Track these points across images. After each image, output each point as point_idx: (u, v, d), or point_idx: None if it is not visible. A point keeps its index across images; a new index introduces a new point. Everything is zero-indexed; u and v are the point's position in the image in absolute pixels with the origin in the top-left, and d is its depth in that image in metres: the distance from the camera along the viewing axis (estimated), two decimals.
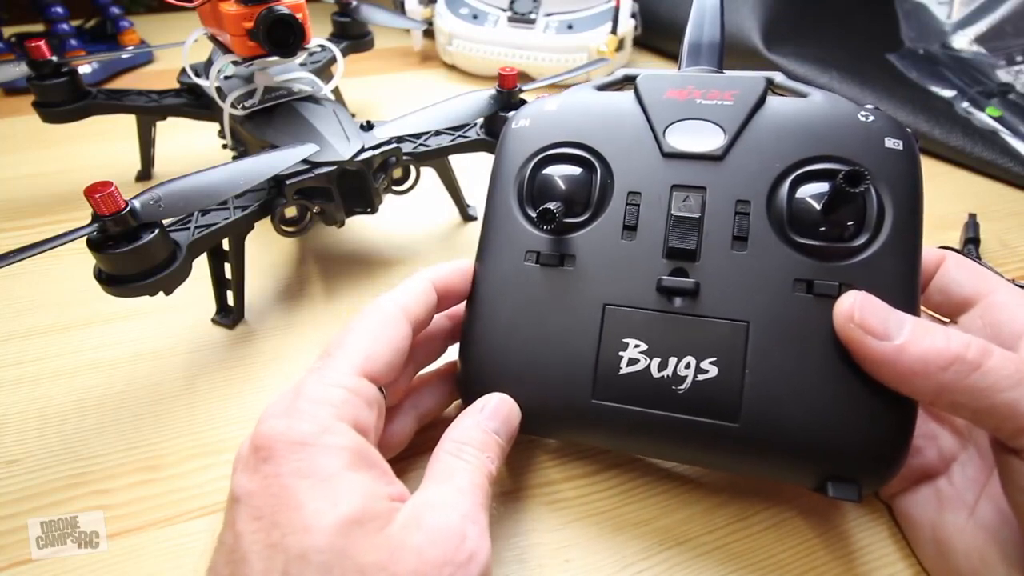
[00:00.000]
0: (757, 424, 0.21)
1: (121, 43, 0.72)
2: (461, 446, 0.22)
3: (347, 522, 0.17)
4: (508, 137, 0.27)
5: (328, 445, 0.19)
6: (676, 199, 0.24)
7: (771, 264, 0.22)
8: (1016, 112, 0.57)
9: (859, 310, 0.20)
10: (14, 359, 0.33)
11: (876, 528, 0.25)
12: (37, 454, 0.28)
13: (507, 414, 0.23)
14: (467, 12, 0.69)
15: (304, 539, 0.17)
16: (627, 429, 0.23)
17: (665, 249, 0.23)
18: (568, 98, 0.27)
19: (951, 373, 0.18)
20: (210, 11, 0.36)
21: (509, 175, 0.26)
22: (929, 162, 0.55)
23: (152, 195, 0.27)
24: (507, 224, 0.25)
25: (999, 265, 0.40)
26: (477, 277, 0.26)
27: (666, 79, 0.26)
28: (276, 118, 0.38)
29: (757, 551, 0.25)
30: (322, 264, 0.41)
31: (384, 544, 0.18)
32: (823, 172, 0.23)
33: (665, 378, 0.22)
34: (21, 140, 0.54)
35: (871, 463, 0.21)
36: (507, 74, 0.40)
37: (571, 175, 0.25)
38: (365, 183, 0.36)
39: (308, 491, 0.18)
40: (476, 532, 0.19)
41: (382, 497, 0.19)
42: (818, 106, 0.24)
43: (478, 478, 0.21)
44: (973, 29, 0.66)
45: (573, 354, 0.23)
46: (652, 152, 0.25)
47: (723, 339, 0.22)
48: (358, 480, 0.19)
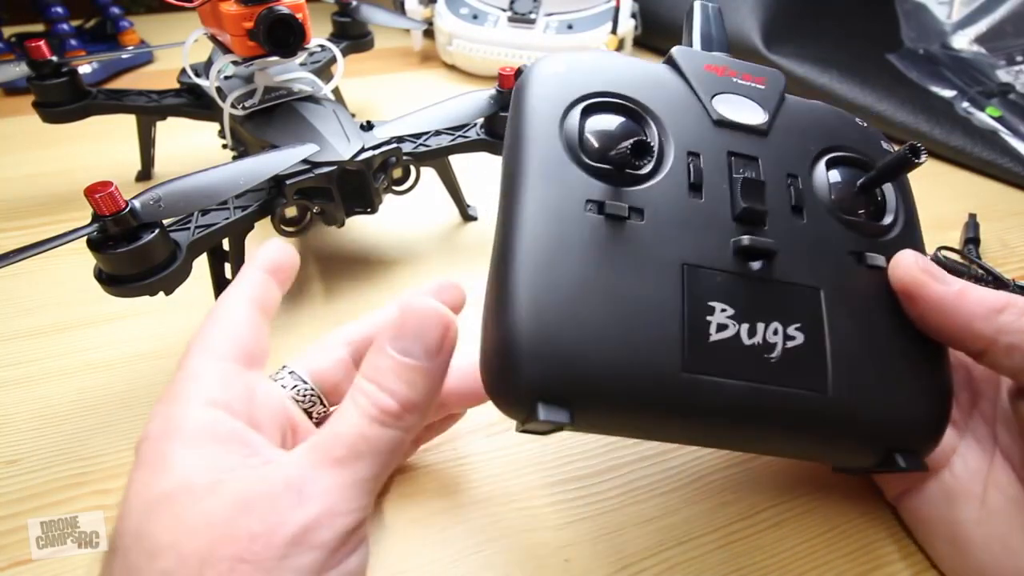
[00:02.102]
0: (842, 395, 0.21)
1: (121, 43, 0.72)
2: (359, 380, 0.18)
3: (156, 501, 0.16)
4: (538, 82, 0.24)
5: (168, 432, 0.18)
6: (735, 165, 0.23)
7: (827, 235, 0.23)
8: (1016, 112, 0.57)
9: (922, 259, 0.22)
10: (14, 359, 0.33)
11: (876, 528, 0.25)
12: (37, 454, 0.28)
13: (417, 325, 0.18)
14: (467, 12, 0.69)
15: (118, 523, 0.17)
16: (722, 407, 0.20)
17: (735, 211, 0.22)
18: (600, 55, 0.25)
19: (1007, 315, 0.20)
20: (210, 11, 0.36)
21: (548, 119, 0.22)
22: (929, 162, 0.55)
23: (152, 195, 0.27)
24: (555, 172, 0.21)
25: (999, 265, 0.40)
26: (515, 226, 0.20)
27: (700, 55, 0.26)
28: (276, 118, 0.37)
29: (758, 551, 0.25)
30: (322, 264, 0.41)
31: (188, 521, 0.16)
32: (848, 159, 0.25)
33: (756, 345, 0.20)
34: (21, 140, 0.54)
35: (927, 430, 0.22)
36: (507, 74, 0.40)
37: (631, 126, 0.23)
38: (365, 183, 0.36)
39: (138, 479, 0.17)
40: (290, 501, 0.16)
41: (216, 469, 0.17)
42: (822, 107, 0.26)
43: (351, 423, 0.18)
44: (973, 29, 0.66)
45: (655, 320, 0.20)
46: (702, 118, 0.24)
47: (803, 305, 0.21)
48: (190, 456, 0.17)
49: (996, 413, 0.24)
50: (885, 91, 0.58)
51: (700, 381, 0.19)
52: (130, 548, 0.16)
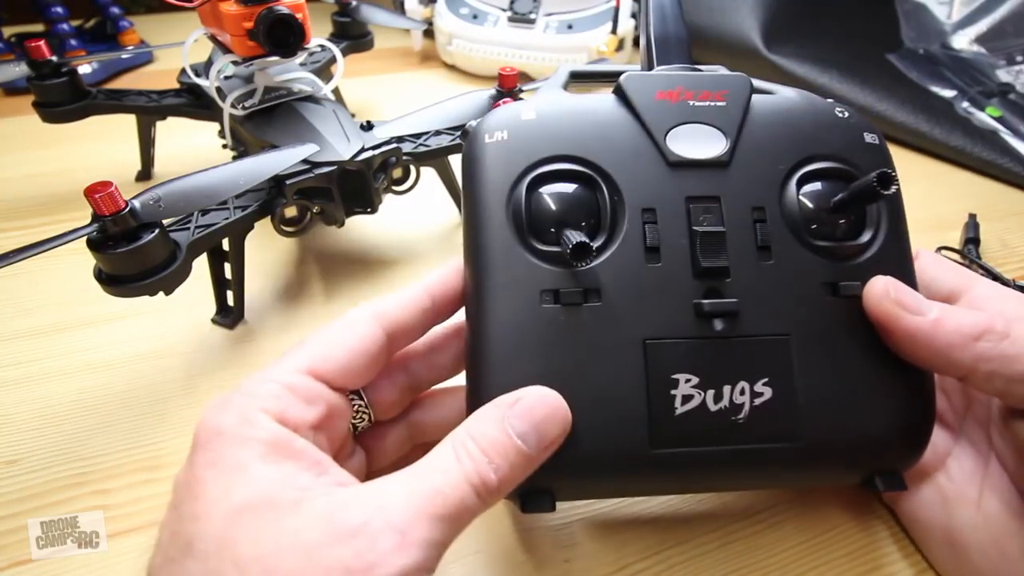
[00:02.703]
0: (816, 437, 0.21)
1: (121, 43, 0.72)
2: (466, 439, 0.18)
3: (238, 510, 0.16)
4: (484, 153, 0.22)
5: (243, 436, 0.18)
6: (694, 213, 0.22)
7: (798, 271, 0.22)
8: (1016, 112, 0.57)
9: (893, 289, 0.21)
10: (14, 359, 0.33)
11: (876, 528, 0.25)
12: (37, 454, 0.28)
13: (544, 417, 0.19)
14: (467, 12, 0.69)
15: (194, 527, 0.16)
16: (691, 474, 0.21)
17: (696, 269, 0.21)
18: (544, 104, 0.23)
19: (984, 342, 0.19)
20: (210, 11, 0.36)
21: (496, 201, 0.21)
22: (929, 162, 0.55)
23: (152, 195, 0.27)
24: (508, 262, 0.21)
25: (999, 265, 0.40)
26: (482, 332, 0.21)
27: (651, 79, 0.23)
28: (276, 118, 0.38)
29: (757, 551, 0.25)
30: (322, 264, 0.41)
31: (273, 536, 0.16)
32: (823, 172, 0.23)
33: (723, 409, 0.20)
34: (21, 140, 0.54)
35: (907, 450, 0.22)
36: (507, 74, 0.40)
37: (577, 195, 0.22)
38: (365, 183, 0.36)
39: (212, 480, 0.17)
40: (392, 543, 0.16)
41: (295, 487, 0.17)
42: (796, 104, 0.24)
43: (454, 484, 0.17)
44: (973, 29, 0.66)
45: (620, 403, 0.20)
46: (656, 162, 0.22)
47: (770, 357, 0.21)
48: (266, 470, 0.17)
49: (990, 416, 0.24)
50: (885, 91, 0.58)
51: (668, 455, 0.20)
52: (211, 554, 0.16)
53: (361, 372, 0.21)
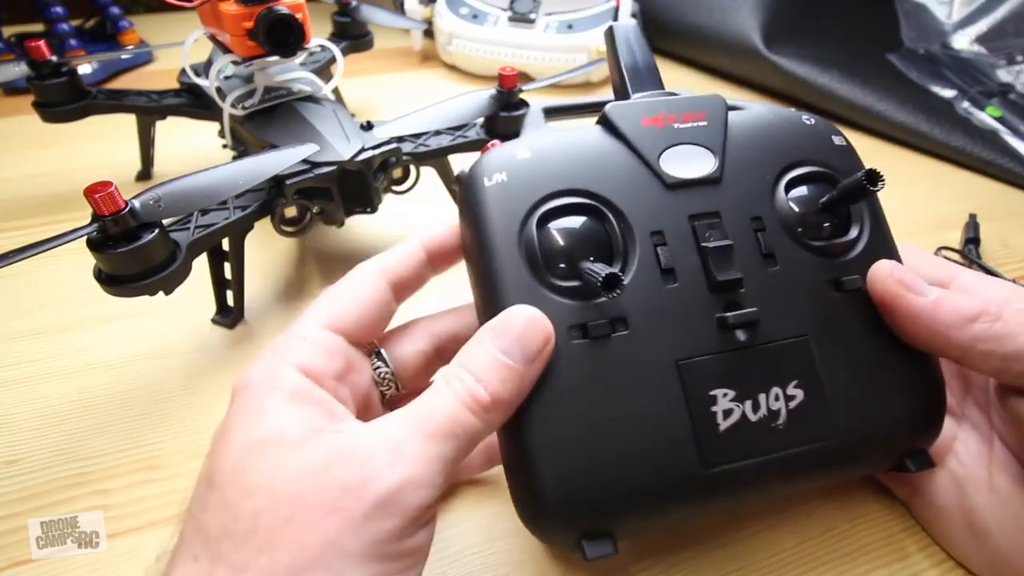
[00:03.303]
0: (849, 430, 0.21)
1: (121, 43, 0.72)
2: (454, 368, 0.19)
3: (252, 445, 0.17)
4: (486, 197, 0.22)
5: (269, 385, 0.19)
6: (700, 230, 0.22)
7: (802, 273, 0.22)
8: (1016, 112, 0.57)
9: (897, 270, 0.22)
10: (14, 359, 0.33)
11: (874, 529, 0.26)
12: (37, 454, 0.28)
13: (523, 330, 0.19)
14: (467, 12, 0.69)
15: (215, 462, 0.18)
16: (745, 489, 0.21)
17: (711, 284, 0.21)
18: (536, 142, 0.23)
19: (980, 323, 0.20)
20: (210, 11, 0.36)
21: (507, 243, 0.21)
22: (929, 162, 0.55)
23: (152, 195, 0.27)
24: (530, 303, 0.20)
25: (999, 265, 0.40)
26: None
27: (636, 107, 0.24)
28: (276, 118, 0.38)
29: (757, 551, 0.25)
30: (322, 264, 0.41)
31: (280, 466, 0.17)
32: (806, 176, 0.24)
33: (763, 418, 0.21)
34: (21, 140, 0.54)
35: (928, 428, 0.23)
36: (507, 74, 0.40)
37: (588, 227, 0.22)
38: (365, 183, 0.36)
39: (237, 423, 0.18)
40: (386, 459, 0.17)
41: (308, 427, 0.18)
42: (767, 116, 0.25)
43: (446, 403, 0.18)
44: (973, 29, 0.66)
45: (664, 428, 0.20)
46: (654, 186, 0.23)
47: (794, 359, 0.21)
48: (284, 411, 0.18)
49: (988, 399, 0.25)
50: (885, 91, 0.58)
51: (720, 473, 0.20)
52: (226, 484, 0.17)
53: (373, 324, 0.22)
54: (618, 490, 0.20)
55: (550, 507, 0.20)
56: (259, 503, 0.16)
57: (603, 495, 0.20)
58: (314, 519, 0.16)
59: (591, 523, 0.20)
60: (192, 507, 0.18)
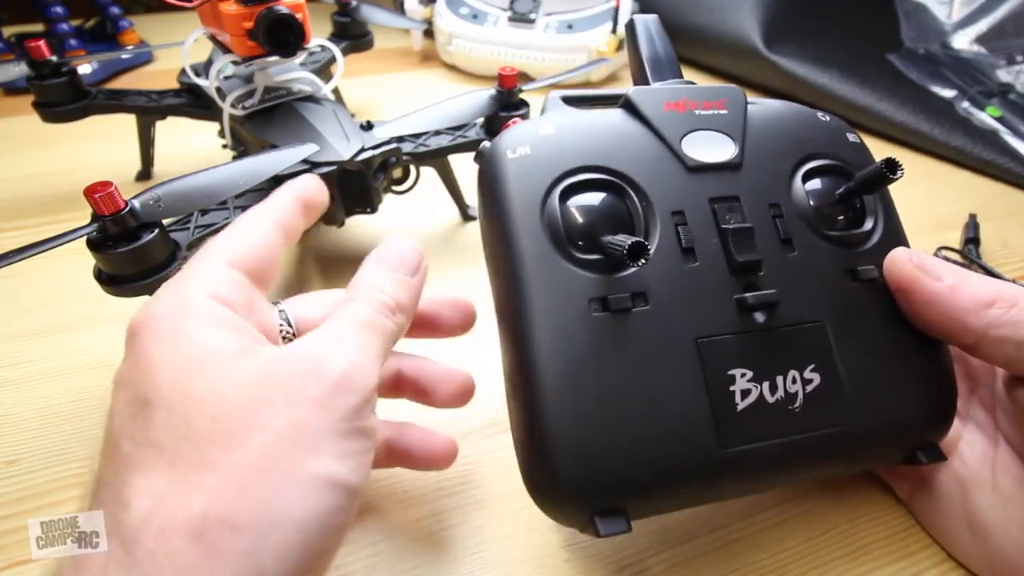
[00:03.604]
0: (864, 418, 0.22)
1: (121, 43, 0.72)
2: (359, 288, 0.21)
3: (188, 365, 0.17)
4: (508, 169, 0.22)
5: (184, 314, 0.18)
6: (720, 212, 0.22)
7: (819, 261, 0.23)
8: (1016, 112, 0.57)
9: (916, 256, 0.22)
10: (14, 359, 0.33)
11: (875, 529, 0.25)
12: (37, 454, 0.28)
13: (400, 252, 0.22)
14: (467, 12, 0.69)
15: (148, 385, 0.17)
16: (761, 470, 0.21)
17: (731, 265, 0.22)
18: (560, 119, 0.23)
19: (996, 308, 0.21)
20: (210, 11, 0.36)
21: (528, 215, 0.21)
22: (929, 162, 0.55)
23: (152, 195, 0.27)
24: (551, 275, 0.21)
25: (999, 265, 0.40)
26: (532, 350, 0.20)
27: (658, 92, 0.24)
28: (276, 118, 0.38)
29: (757, 551, 0.25)
30: (322, 264, 0.41)
31: (229, 373, 0.17)
32: (823, 168, 0.24)
33: (780, 400, 0.21)
34: (21, 140, 0.54)
35: (940, 421, 0.23)
36: (507, 74, 0.40)
37: (610, 203, 0.22)
38: (365, 183, 0.36)
39: (156, 350, 0.18)
40: (331, 349, 0.18)
41: (238, 346, 0.18)
42: (784, 110, 0.26)
43: (362, 309, 0.20)
44: (973, 29, 0.66)
45: (683, 406, 0.20)
46: (676, 168, 0.23)
47: (812, 343, 0.22)
48: (209, 333, 0.18)
49: (994, 400, 0.25)
50: (885, 91, 0.58)
51: (737, 453, 0.20)
52: (169, 397, 0.16)
53: (269, 267, 0.22)
54: (633, 467, 0.19)
55: (563, 482, 0.19)
56: (214, 407, 0.16)
57: (618, 472, 0.19)
58: (278, 407, 0.16)
59: (605, 500, 0.19)
60: (120, 434, 0.17)
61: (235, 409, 0.16)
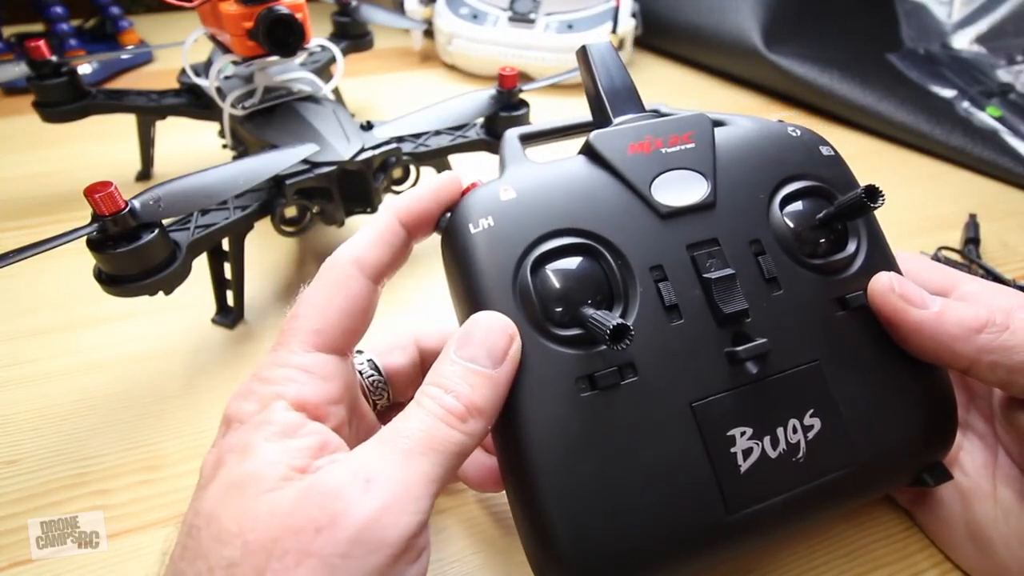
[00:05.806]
0: (868, 453, 0.21)
1: (121, 43, 0.72)
2: (425, 387, 0.18)
3: (229, 486, 0.17)
4: (473, 245, 0.20)
5: (259, 422, 0.18)
6: (700, 260, 0.21)
7: (807, 295, 0.22)
8: (1016, 112, 0.57)
9: (897, 283, 0.21)
10: (14, 359, 0.33)
11: (875, 530, 0.25)
12: (37, 454, 0.28)
13: (484, 333, 0.19)
14: (467, 12, 0.69)
15: (196, 504, 0.17)
16: (769, 528, 0.20)
17: (718, 317, 0.20)
18: (519, 180, 0.22)
19: (986, 334, 0.20)
20: (210, 11, 0.36)
21: (501, 294, 0.20)
22: (929, 162, 0.55)
23: (152, 195, 0.27)
24: (532, 357, 0.19)
25: (999, 265, 0.40)
26: (523, 441, 0.19)
27: (621, 134, 0.23)
28: (276, 118, 0.38)
29: (758, 552, 0.25)
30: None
31: (252, 508, 0.16)
32: (800, 192, 0.23)
33: (783, 453, 0.20)
34: (21, 140, 0.54)
35: (942, 440, 0.22)
36: (507, 74, 0.40)
37: (585, 268, 0.21)
38: (365, 183, 0.36)
39: (227, 459, 0.17)
40: (358, 490, 0.16)
41: (288, 465, 0.17)
42: (754, 131, 0.24)
43: (418, 422, 0.18)
44: (973, 29, 0.66)
45: (684, 476, 0.19)
46: (648, 217, 0.21)
47: (808, 386, 0.21)
48: (267, 448, 0.17)
49: (993, 411, 0.24)
50: (885, 91, 0.58)
51: (744, 516, 0.19)
52: (201, 529, 0.16)
53: (359, 327, 0.21)
54: (639, 544, 0.19)
55: (567, 565, 0.18)
56: (232, 553, 0.15)
57: (623, 550, 0.19)
58: (288, 567, 0.15)
59: (614, 573, 0.19)
60: (174, 552, 0.17)
61: (251, 561, 0.15)
